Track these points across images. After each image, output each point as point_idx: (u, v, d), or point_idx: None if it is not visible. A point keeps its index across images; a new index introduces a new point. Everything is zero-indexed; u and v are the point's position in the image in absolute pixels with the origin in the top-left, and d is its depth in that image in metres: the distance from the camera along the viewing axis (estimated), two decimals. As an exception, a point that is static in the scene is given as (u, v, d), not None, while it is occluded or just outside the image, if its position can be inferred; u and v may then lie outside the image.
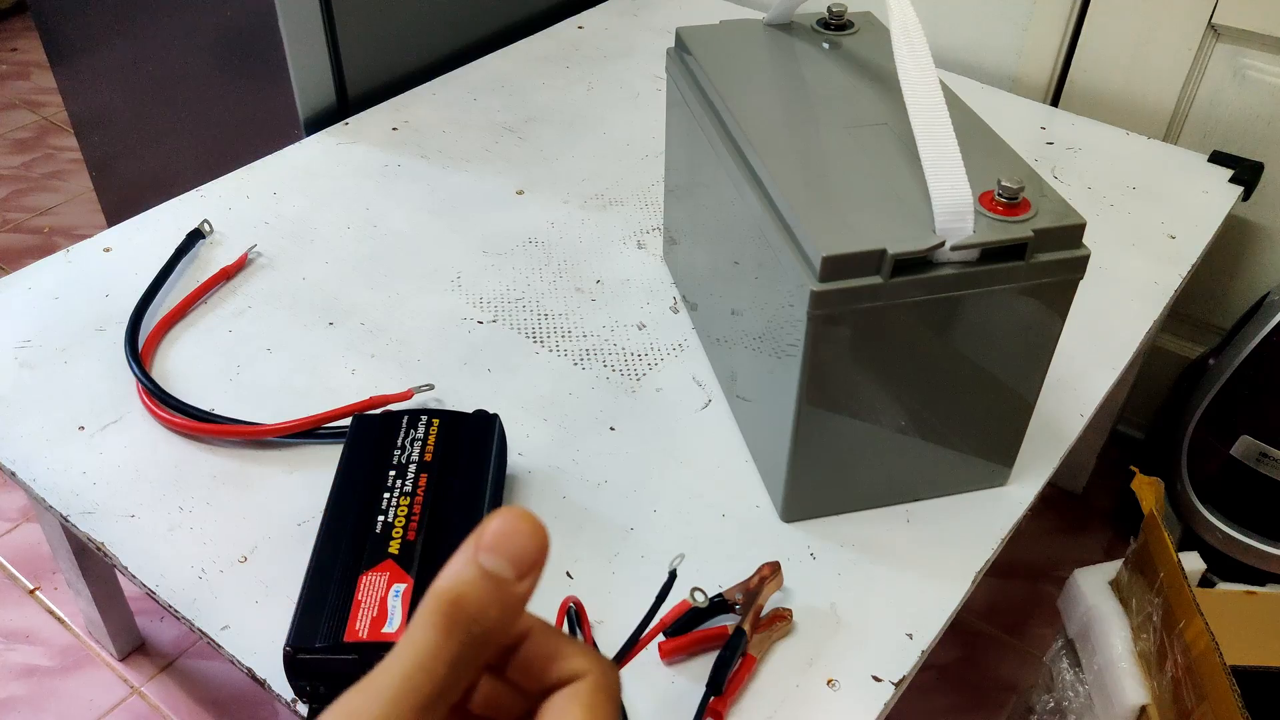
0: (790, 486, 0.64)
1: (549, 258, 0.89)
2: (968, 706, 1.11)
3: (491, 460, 0.64)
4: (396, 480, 0.61)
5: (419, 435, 0.64)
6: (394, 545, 0.57)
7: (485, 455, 0.64)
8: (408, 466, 0.62)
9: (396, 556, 0.56)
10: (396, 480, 0.61)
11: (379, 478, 0.62)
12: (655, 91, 1.14)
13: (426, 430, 0.64)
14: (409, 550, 0.57)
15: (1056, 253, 0.57)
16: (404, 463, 0.62)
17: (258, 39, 1.01)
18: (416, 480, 0.61)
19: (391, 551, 0.57)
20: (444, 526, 0.59)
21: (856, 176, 0.60)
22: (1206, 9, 1.05)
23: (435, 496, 0.60)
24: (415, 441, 0.64)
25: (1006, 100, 1.14)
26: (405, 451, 0.63)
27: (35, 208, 1.80)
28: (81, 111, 1.30)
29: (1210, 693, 0.80)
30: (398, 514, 0.59)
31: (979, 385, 0.62)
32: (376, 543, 0.57)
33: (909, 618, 0.61)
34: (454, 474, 0.62)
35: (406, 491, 0.61)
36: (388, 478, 0.62)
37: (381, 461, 0.63)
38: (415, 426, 0.65)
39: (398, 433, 0.64)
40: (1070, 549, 1.26)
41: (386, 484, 0.61)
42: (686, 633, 0.58)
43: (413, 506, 0.60)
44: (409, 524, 0.59)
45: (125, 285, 0.83)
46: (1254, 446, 1.08)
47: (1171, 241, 0.93)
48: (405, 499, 0.60)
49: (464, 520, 0.59)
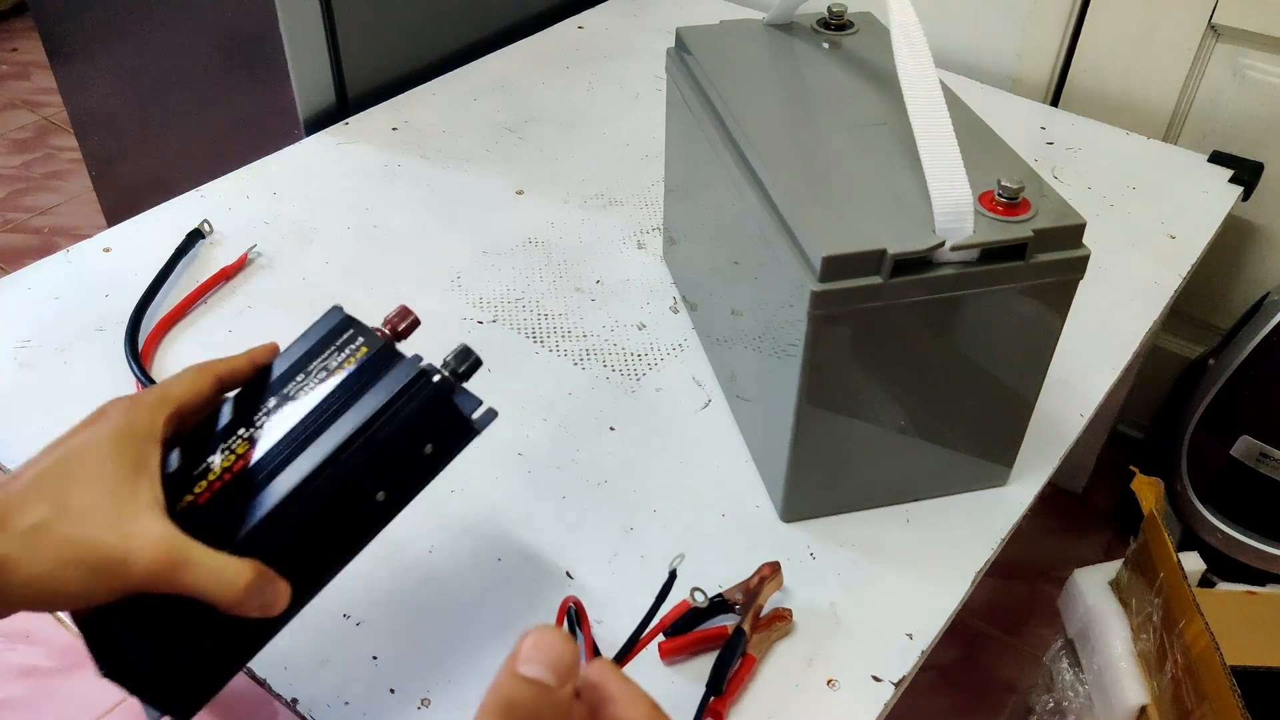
0: (790, 486, 0.64)
1: (549, 258, 0.89)
2: (968, 706, 1.11)
3: (378, 436, 0.47)
4: (266, 410, 0.49)
5: (338, 358, 0.50)
6: (186, 498, 0.46)
7: (369, 426, 0.46)
8: (294, 396, 0.49)
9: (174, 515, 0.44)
10: (266, 410, 0.49)
11: (257, 399, 0.49)
12: (655, 91, 1.13)
13: (350, 353, 0.50)
14: (190, 516, 0.45)
15: (1056, 253, 0.57)
16: (293, 391, 0.49)
17: (258, 39, 1.01)
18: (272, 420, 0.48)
19: (177, 508, 0.45)
20: (247, 500, 0.45)
21: (856, 176, 0.60)
22: (1206, 9, 1.05)
23: (274, 458, 0.46)
24: (327, 366, 0.49)
25: (1006, 100, 1.14)
26: (310, 376, 0.49)
27: (35, 208, 1.80)
28: (81, 111, 1.30)
29: (1210, 693, 0.80)
30: (226, 456, 0.47)
31: (979, 385, 0.62)
32: (175, 486, 0.46)
33: (909, 618, 0.61)
34: (328, 429, 0.47)
35: (250, 434, 0.48)
36: (266, 403, 0.49)
37: (290, 373, 0.50)
38: (346, 342, 0.50)
39: (332, 341, 0.51)
40: (1070, 549, 1.26)
41: (260, 408, 0.49)
42: (686, 633, 0.58)
43: (260, 438, 0.47)
44: (220, 477, 0.46)
45: (125, 285, 0.83)
46: (1254, 446, 1.08)
47: (1171, 241, 0.93)
48: (243, 443, 0.48)
49: (282, 510, 0.45)
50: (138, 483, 0.43)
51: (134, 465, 0.44)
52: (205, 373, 0.49)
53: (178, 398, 0.48)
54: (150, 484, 0.44)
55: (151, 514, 0.43)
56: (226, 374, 0.50)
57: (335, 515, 0.47)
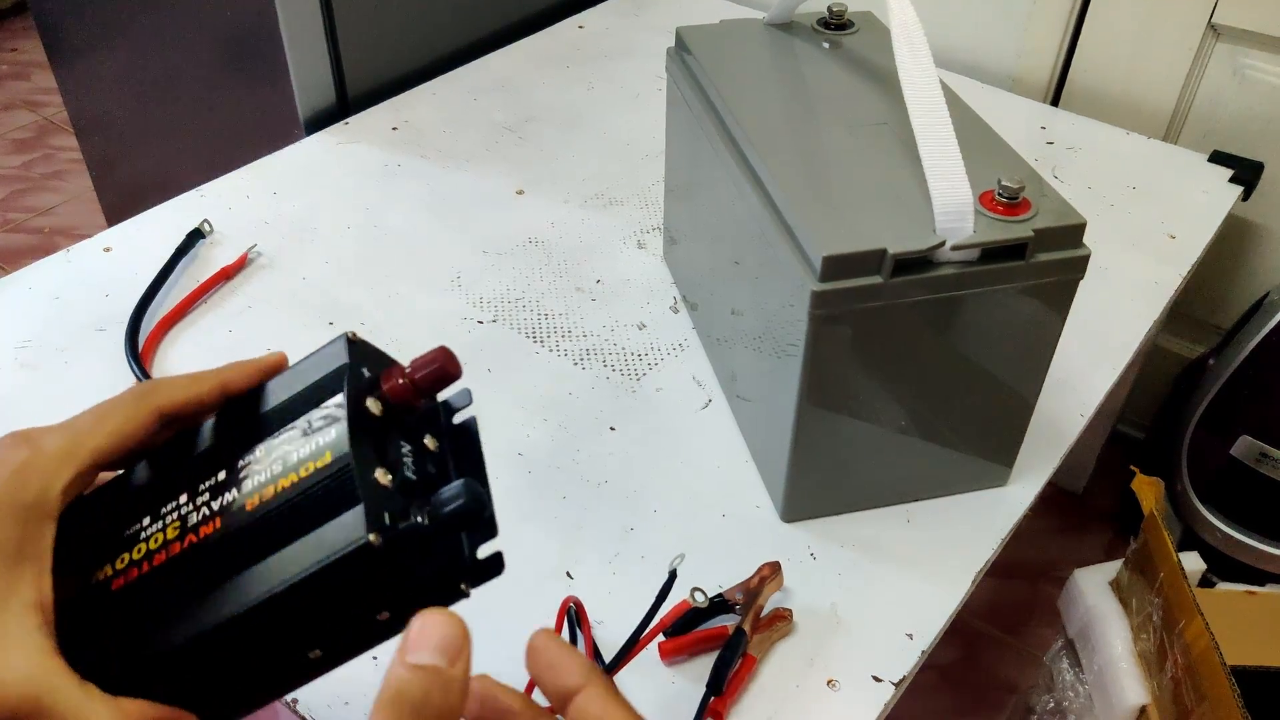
0: (790, 486, 0.64)
1: (549, 257, 0.89)
2: (968, 707, 1.11)
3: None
4: (213, 484, 0.37)
5: (300, 450, 0.36)
6: (104, 571, 0.36)
7: None
8: (241, 482, 0.36)
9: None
10: (213, 484, 0.37)
11: (232, 450, 0.38)
12: (655, 91, 1.13)
13: (312, 453, 0.35)
14: (98, 599, 0.36)
15: (1057, 252, 0.57)
16: (244, 473, 0.36)
17: (258, 39, 1.01)
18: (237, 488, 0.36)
19: (90, 581, 0.36)
20: (162, 609, 0.35)
21: (857, 176, 0.60)
22: (1206, 9, 1.05)
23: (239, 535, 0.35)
24: (285, 458, 0.36)
25: (1006, 100, 1.14)
26: (267, 458, 0.36)
27: (35, 208, 1.80)
28: (81, 111, 1.30)
29: (1210, 693, 0.80)
30: (170, 525, 0.36)
31: (979, 385, 0.62)
32: (98, 543, 0.37)
33: (909, 618, 0.61)
34: None
35: (210, 502, 0.36)
36: (215, 474, 0.37)
37: (251, 434, 0.38)
38: (321, 425, 0.36)
39: (310, 403, 0.37)
40: (1070, 549, 1.26)
41: (209, 474, 0.37)
42: (686, 633, 0.58)
43: (196, 529, 0.36)
44: (148, 558, 0.36)
45: (125, 285, 0.83)
46: (1254, 446, 1.08)
47: (1171, 241, 0.93)
48: (195, 511, 0.36)
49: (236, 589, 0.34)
50: (13, 585, 0.33)
51: (11, 555, 0.33)
52: (143, 404, 0.37)
53: (93, 450, 0.36)
54: (31, 584, 0.33)
55: (19, 639, 0.32)
56: (175, 407, 0.38)
57: (257, 662, 0.36)
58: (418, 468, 0.36)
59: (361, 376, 0.37)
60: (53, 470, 0.35)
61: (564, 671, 0.34)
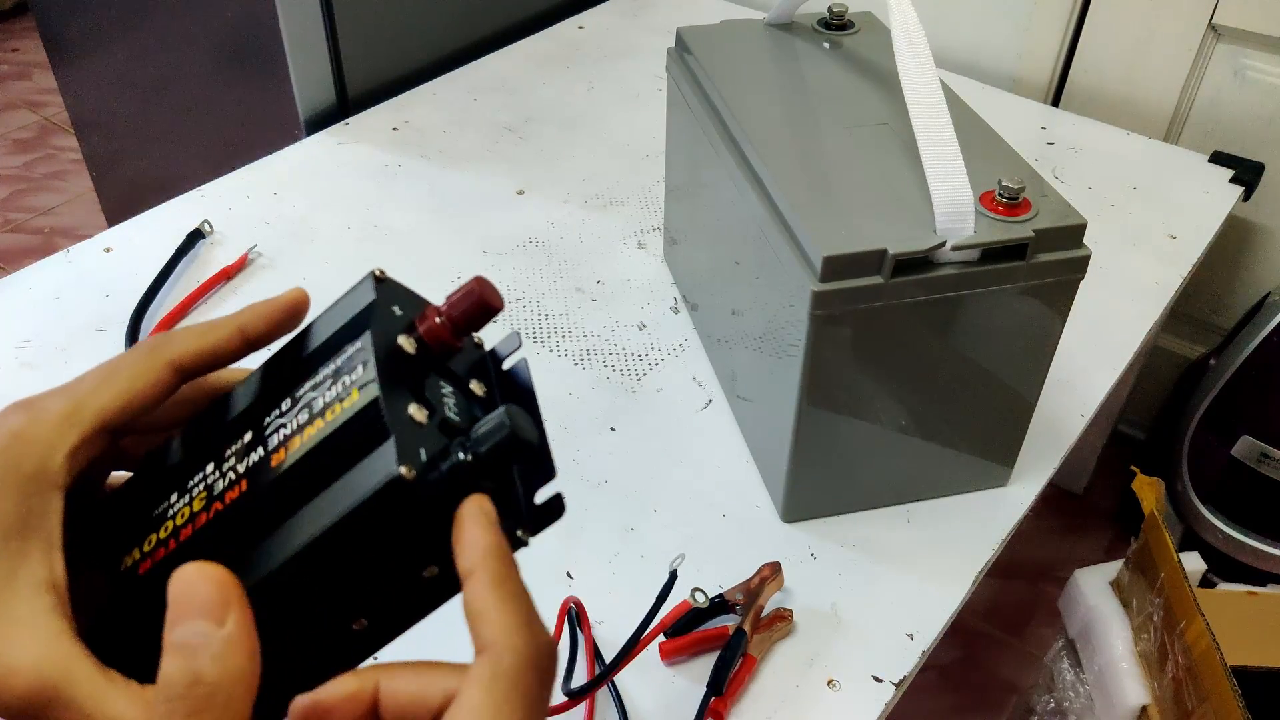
0: (790, 486, 0.64)
1: (549, 258, 0.89)
2: (968, 707, 1.11)
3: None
4: (240, 446, 0.33)
5: (328, 393, 0.32)
6: (132, 556, 0.33)
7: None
8: (267, 438, 0.33)
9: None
10: (240, 446, 0.33)
11: (263, 408, 0.34)
12: (655, 91, 1.13)
13: (341, 392, 0.31)
14: (129, 586, 0.33)
15: (1057, 253, 0.57)
16: (269, 430, 0.33)
17: (258, 39, 1.02)
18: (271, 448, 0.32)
19: (119, 568, 0.33)
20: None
21: (857, 176, 0.60)
22: (1206, 9, 1.05)
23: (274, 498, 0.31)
24: (311, 405, 0.32)
25: (1007, 100, 1.14)
26: (294, 409, 0.33)
27: (36, 208, 1.80)
28: (82, 112, 1.30)
29: (1211, 693, 0.80)
30: (196, 498, 0.33)
31: (980, 385, 0.62)
32: (126, 524, 0.34)
33: (909, 618, 0.61)
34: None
35: (236, 466, 0.33)
36: (242, 435, 0.33)
37: (279, 388, 0.34)
38: (349, 362, 0.32)
39: (339, 349, 0.34)
40: (1071, 549, 1.26)
41: (234, 438, 0.34)
42: (687, 633, 0.58)
43: (222, 495, 0.32)
44: (175, 535, 0.32)
45: (126, 285, 0.83)
46: (1254, 446, 1.08)
47: (1172, 241, 0.93)
48: (221, 478, 0.33)
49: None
50: (17, 563, 0.29)
51: (13, 530, 0.30)
52: (155, 358, 0.33)
53: (99, 411, 0.32)
54: (39, 561, 0.30)
55: (29, 622, 0.29)
56: (190, 358, 0.33)
57: (293, 636, 0.32)
58: (461, 410, 0.32)
59: (391, 314, 0.34)
60: (54, 436, 0.31)
61: (461, 554, 0.28)
